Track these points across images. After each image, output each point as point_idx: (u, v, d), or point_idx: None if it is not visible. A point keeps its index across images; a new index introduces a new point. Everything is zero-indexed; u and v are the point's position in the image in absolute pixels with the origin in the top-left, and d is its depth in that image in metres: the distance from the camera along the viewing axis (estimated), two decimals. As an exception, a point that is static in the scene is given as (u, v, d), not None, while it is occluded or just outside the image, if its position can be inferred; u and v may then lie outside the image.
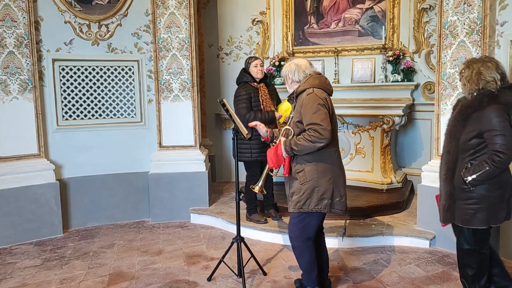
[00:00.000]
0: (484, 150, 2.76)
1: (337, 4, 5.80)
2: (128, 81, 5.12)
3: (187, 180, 5.13)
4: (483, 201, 2.79)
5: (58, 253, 4.31)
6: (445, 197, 2.91)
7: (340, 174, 3.12)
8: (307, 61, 3.16)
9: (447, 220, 2.94)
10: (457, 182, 2.83)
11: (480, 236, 2.89)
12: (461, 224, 2.88)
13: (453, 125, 2.87)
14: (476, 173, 2.74)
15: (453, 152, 2.85)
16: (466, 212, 2.83)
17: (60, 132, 4.88)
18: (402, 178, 5.45)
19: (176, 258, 4.14)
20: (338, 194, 3.06)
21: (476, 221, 2.82)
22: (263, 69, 4.51)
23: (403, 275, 3.66)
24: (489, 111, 2.70)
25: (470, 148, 2.79)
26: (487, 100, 2.73)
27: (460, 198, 2.84)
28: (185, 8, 5.03)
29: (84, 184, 4.98)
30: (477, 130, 2.73)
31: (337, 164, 3.10)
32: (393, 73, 5.43)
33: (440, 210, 2.97)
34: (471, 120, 2.77)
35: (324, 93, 3.00)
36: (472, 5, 3.82)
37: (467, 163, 2.79)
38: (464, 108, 2.83)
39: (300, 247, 3.13)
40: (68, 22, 4.80)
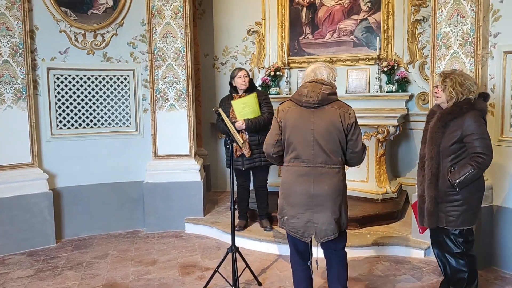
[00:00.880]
0: (464, 154, 2.95)
1: (332, 15, 5.85)
2: (123, 90, 5.12)
3: (182, 189, 5.11)
4: (467, 203, 2.98)
5: (51, 263, 4.27)
6: (429, 201, 3.04)
7: (297, 193, 2.77)
8: (313, 68, 2.91)
9: (432, 224, 3.06)
10: (442, 186, 2.99)
11: (466, 238, 3.05)
12: (447, 226, 3.01)
13: (434, 132, 3.02)
14: (462, 175, 2.89)
15: (436, 158, 3.00)
16: (451, 214, 2.98)
17: (54, 141, 4.85)
18: (397, 188, 5.46)
19: (171, 268, 4.11)
20: (287, 214, 2.82)
21: (461, 222, 2.99)
22: (248, 80, 4.52)
23: (399, 285, 3.66)
24: (469, 117, 2.90)
25: (451, 153, 2.96)
26: (466, 107, 2.93)
27: (445, 201, 3.00)
28: (181, 18, 5.05)
29: (77, 194, 4.95)
30: (458, 135, 2.92)
31: (295, 181, 2.79)
32: (388, 84, 5.46)
33: (424, 214, 3.09)
34: (451, 126, 2.95)
35: (289, 104, 2.86)
36: (465, 17, 3.86)
37: (450, 168, 2.95)
38: (444, 115, 2.99)
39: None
40: (63, 31, 4.81)
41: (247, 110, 4.37)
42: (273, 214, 4.86)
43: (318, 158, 2.74)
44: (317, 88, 2.77)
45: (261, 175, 4.64)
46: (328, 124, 2.72)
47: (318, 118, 2.74)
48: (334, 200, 2.75)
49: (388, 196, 5.27)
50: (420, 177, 3.14)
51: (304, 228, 2.77)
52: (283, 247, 4.34)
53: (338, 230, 2.77)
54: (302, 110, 2.79)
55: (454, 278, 3.11)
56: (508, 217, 3.77)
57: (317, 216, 2.74)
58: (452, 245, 3.05)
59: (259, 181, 4.65)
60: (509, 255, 3.79)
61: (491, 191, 3.85)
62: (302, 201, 2.76)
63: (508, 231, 3.77)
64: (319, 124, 2.73)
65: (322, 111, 2.75)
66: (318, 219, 2.74)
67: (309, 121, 2.75)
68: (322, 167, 2.73)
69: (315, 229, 2.75)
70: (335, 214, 2.75)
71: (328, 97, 2.75)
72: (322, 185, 2.73)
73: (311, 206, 2.75)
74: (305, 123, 2.76)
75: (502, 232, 3.82)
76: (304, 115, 2.77)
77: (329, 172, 2.74)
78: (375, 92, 5.50)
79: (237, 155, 4.45)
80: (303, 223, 2.77)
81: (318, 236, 2.76)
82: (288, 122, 2.81)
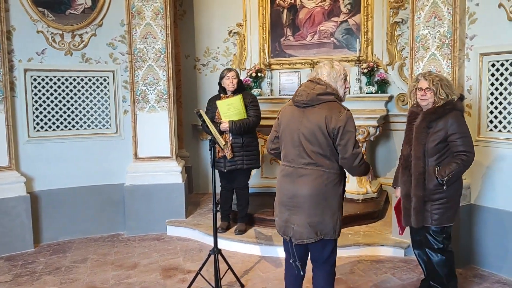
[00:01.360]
0: (447, 153, 3.05)
1: (313, 17, 5.89)
2: (103, 92, 5.06)
3: (163, 191, 5.07)
4: (450, 200, 3.09)
5: (29, 268, 4.18)
6: (416, 200, 3.10)
7: (282, 193, 2.76)
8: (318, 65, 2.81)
9: (419, 223, 3.12)
10: (430, 184, 3.06)
11: (447, 234, 3.15)
12: (431, 224, 3.09)
13: (419, 132, 3.09)
14: (449, 173, 2.98)
15: (422, 157, 3.08)
16: (437, 212, 3.07)
17: (31, 143, 4.76)
18: (377, 188, 5.52)
19: (152, 271, 4.07)
20: (275, 212, 2.84)
21: (445, 219, 3.09)
22: (236, 81, 4.48)
23: (380, 284, 3.70)
24: (452, 117, 3.02)
25: (436, 152, 3.05)
26: (449, 107, 3.04)
27: (431, 200, 3.08)
28: (161, 19, 5.01)
29: (56, 197, 4.86)
30: (442, 135, 3.01)
31: (282, 180, 2.77)
32: (368, 85, 5.53)
33: (411, 214, 3.14)
34: (435, 126, 3.04)
35: (288, 103, 2.83)
36: (442, 19, 3.94)
37: (435, 166, 3.04)
38: (429, 115, 3.07)
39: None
40: (40, 32, 4.72)
41: (232, 112, 4.35)
42: (255, 215, 4.87)
43: (301, 159, 2.66)
44: (308, 87, 2.69)
45: (242, 178, 4.62)
46: (313, 125, 2.62)
47: (305, 119, 2.65)
48: (314, 204, 2.64)
49: (368, 196, 5.33)
50: (405, 177, 3.19)
51: (284, 227, 2.74)
52: (266, 248, 4.35)
53: (314, 236, 2.65)
54: (294, 110, 2.73)
55: (435, 274, 3.19)
56: (485, 215, 3.85)
57: (294, 217, 2.68)
58: (434, 241, 3.14)
59: (239, 183, 4.63)
60: (487, 253, 3.88)
61: (469, 190, 3.93)
62: (284, 201, 2.74)
63: (486, 229, 3.85)
64: (305, 125, 2.64)
65: (310, 111, 2.66)
66: (295, 221, 2.68)
67: (297, 121, 2.68)
68: (304, 169, 2.65)
69: (292, 230, 2.69)
70: (310, 217, 2.64)
71: (318, 97, 2.64)
72: (301, 186, 2.65)
73: (290, 206, 2.70)
74: (294, 123, 2.70)
75: (480, 230, 3.90)
76: (295, 114, 2.71)
77: (311, 174, 2.64)
78: (355, 93, 5.56)
79: (219, 156, 4.43)
80: (283, 222, 2.75)
81: (294, 237, 2.70)
82: (282, 120, 2.79)
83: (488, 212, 3.84)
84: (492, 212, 3.81)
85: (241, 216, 4.72)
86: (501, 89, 3.73)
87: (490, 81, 3.80)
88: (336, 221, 2.69)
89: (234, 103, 4.33)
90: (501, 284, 3.65)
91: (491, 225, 3.82)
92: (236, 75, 4.50)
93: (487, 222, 3.84)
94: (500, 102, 3.75)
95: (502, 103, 3.73)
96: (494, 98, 3.78)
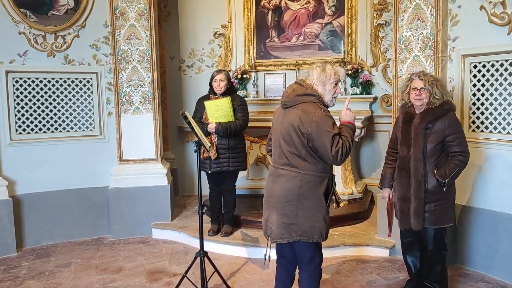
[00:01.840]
0: (444, 153, 3.05)
1: (298, 18, 5.91)
2: (86, 94, 5.00)
3: (148, 194, 5.03)
4: (449, 201, 3.11)
5: (12, 273, 4.11)
6: (418, 203, 3.06)
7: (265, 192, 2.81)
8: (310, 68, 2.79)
9: (420, 226, 3.08)
10: (431, 186, 3.05)
11: (445, 234, 3.15)
12: (432, 225, 3.08)
13: (419, 134, 3.06)
14: (450, 174, 2.99)
15: (421, 159, 3.05)
16: (437, 213, 3.06)
17: (13, 146, 4.68)
18: (363, 189, 5.56)
19: (137, 275, 4.03)
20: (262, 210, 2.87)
21: (445, 219, 3.10)
22: (224, 84, 4.45)
23: (365, 284, 3.72)
24: (450, 118, 3.03)
25: (435, 153, 3.04)
26: (447, 108, 3.04)
27: (431, 201, 3.06)
28: (145, 20, 4.98)
29: (39, 201, 4.78)
30: (441, 135, 3.01)
31: (266, 180, 2.85)
32: (352, 86, 5.57)
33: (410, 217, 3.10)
34: (434, 127, 3.03)
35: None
36: (425, 21, 3.98)
37: (434, 168, 3.03)
38: (427, 116, 3.05)
39: None
40: (22, 33, 4.65)
41: (220, 113, 4.33)
42: (242, 217, 4.86)
43: (280, 160, 2.70)
44: (290, 88, 2.74)
45: (228, 180, 4.61)
46: (289, 125, 2.63)
47: (284, 119, 2.68)
48: (285, 204, 2.65)
49: (354, 197, 5.35)
50: (403, 180, 3.15)
51: (265, 226, 2.82)
52: (252, 250, 4.34)
53: (288, 237, 2.66)
54: (280, 111, 2.78)
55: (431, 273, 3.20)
56: (471, 216, 3.90)
57: (271, 216, 2.74)
58: (433, 242, 3.14)
59: (225, 185, 4.62)
60: (472, 253, 3.93)
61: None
62: (265, 200, 2.81)
63: (472, 229, 3.90)
64: (283, 125, 2.68)
65: (288, 112, 2.68)
66: (272, 221, 2.73)
67: (279, 121, 2.73)
68: (282, 169, 2.69)
69: (270, 229, 2.75)
70: (282, 218, 2.66)
71: (296, 98, 2.65)
72: (277, 186, 2.69)
73: (268, 205, 2.77)
74: (277, 124, 2.75)
75: (465, 231, 3.94)
76: (280, 115, 2.76)
77: (286, 175, 2.66)
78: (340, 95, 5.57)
79: (204, 156, 4.41)
80: (264, 221, 2.82)
81: (271, 236, 2.75)
82: (273, 121, 2.86)
83: (473, 212, 3.89)
84: (475, 212, 3.87)
85: (227, 218, 4.71)
86: (483, 90, 3.79)
87: (472, 82, 3.86)
88: (313, 224, 2.65)
89: (222, 105, 4.31)
90: (485, 282, 3.70)
91: (475, 224, 3.88)
92: (224, 77, 4.47)
93: (473, 223, 3.89)
94: (482, 103, 3.81)
95: (484, 104, 3.79)
96: (476, 99, 3.84)
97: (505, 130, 3.68)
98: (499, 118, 3.71)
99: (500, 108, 3.70)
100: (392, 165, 3.35)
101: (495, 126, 3.74)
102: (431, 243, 3.15)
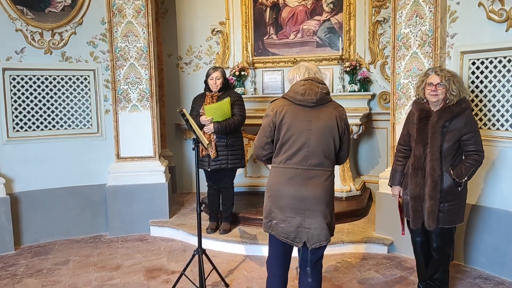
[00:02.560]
0: (459, 152, 3.02)
1: (296, 15, 5.90)
2: (83, 91, 4.98)
3: (146, 192, 5.02)
4: (463, 200, 3.08)
5: (10, 271, 4.10)
6: (434, 203, 3.00)
7: (287, 197, 2.62)
8: (306, 66, 2.76)
9: (434, 225, 3.03)
10: (446, 185, 2.99)
11: (454, 232, 3.14)
12: (446, 225, 3.04)
13: (436, 132, 2.98)
14: (467, 173, 2.96)
15: (439, 158, 2.99)
16: (451, 213, 3.03)
17: (10, 144, 4.66)
18: (361, 186, 5.56)
19: (135, 272, 4.02)
20: (276, 217, 2.66)
21: (457, 219, 3.08)
22: (220, 82, 4.42)
23: (363, 281, 3.72)
24: (467, 116, 2.98)
25: (452, 152, 3.00)
26: (464, 106, 2.98)
27: (446, 201, 3.01)
28: (143, 17, 4.96)
29: (36, 199, 4.77)
30: (459, 134, 2.96)
31: (285, 183, 2.63)
32: (350, 83, 5.57)
33: (424, 216, 3.04)
34: (451, 125, 2.97)
35: (283, 102, 2.67)
36: (423, 18, 3.98)
37: (450, 167, 2.99)
38: (445, 114, 2.98)
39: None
40: (19, 30, 4.62)
41: (219, 114, 4.31)
42: (240, 214, 4.86)
43: (312, 160, 2.60)
44: (314, 86, 2.63)
45: (227, 178, 4.60)
46: (324, 125, 2.60)
47: (315, 118, 2.60)
48: (327, 204, 2.63)
49: (352, 194, 5.36)
50: (417, 178, 3.05)
51: (295, 233, 2.62)
52: (250, 248, 4.34)
53: (330, 235, 2.65)
54: (299, 109, 2.62)
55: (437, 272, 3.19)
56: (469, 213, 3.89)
57: (309, 221, 2.60)
58: (443, 241, 3.11)
59: (224, 183, 4.61)
60: (469, 250, 3.93)
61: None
62: (293, 205, 2.61)
63: (469, 226, 3.90)
64: (316, 125, 2.59)
65: (319, 111, 2.62)
66: (311, 224, 2.60)
67: (305, 121, 2.60)
68: (314, 170, 2.60)
69: (307, 234, 2.61)
70: (327, 218, 2.62)
71: (325, 96, 2.64)
72: (313, 188, 2.60)
73: (301, 210, 2.60)
74: (301, 123, 2.60)
75: (462, 228, 3.94)
76: (300, 114, 2.61)
77: (321, 175, 2.62)
78: (338, 91, 5.59)
79: (202, 154, 4.40)
80: (294, 227, 2.62)
81: (310, 242, 2.61)
82: (284, 121, 2.62)
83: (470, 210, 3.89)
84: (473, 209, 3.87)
85: (225, 216, 4.70)
86: (481, 87, 3.79)
87: (470, 79, 3.86)
88: (334, 223, 2.78)
89: (222, 107, 4.27)
90: (483, 279, 3.71)
91: (473, 222, 3.88)
92: (220, 75, 4.44)
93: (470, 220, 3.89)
94: (480, 100, 3.81)
95: (482, 100, 3.79)
96: (474, 96, 3.84)
97: (503, 127, 3.68)
98: (498, 115, 3.71)
99: (498, 105, 3.70)
100: (402, 162, 3.24)
101: (494, 123, 3.74)
102: (439, 241, 3.11)
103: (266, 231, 2.75)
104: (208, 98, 4.44)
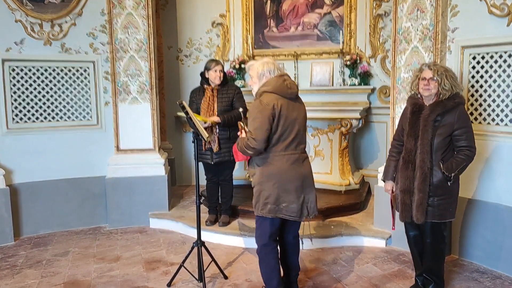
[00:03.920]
0: (450, 147, 3.02)
1: (296, 8, 5.87)
2: (83, 83, 4.97)
3: (146, 184, 5.02)
4: (454, 195, 3.09)
5: (9, 262, 4.12)
6: (422, 196, 3.02)
7: (293, 179, 2.94)
8: (273, 61, 3.03)
9: (422, 219, 3.05)
10: (436, 179, 3.01)
11: (444, 228, 3.16)
12: (435, 220, 3.05)
13: (428, 126, 3.00)
14: (457, 168, 2.97)
15: (429, 151, 3.00)
16: (441, 208, 3.04)
17: (10, 135, 4.66)
18: (360, 180, 5.57)
19: (135, 264, 4.04)
20: (286, 200, 2.94)
21: (448, 214, 3.09)
22: (222, 75, 4.41)
23: (361, 274, 3.74)
24: (460, 111, 2.99)
25: (443, 146, 3.01)
26: (457, 101, 3.00)
27: (435, 195, 3.03)
28: (143, 8, 4.93)
29: (36, 190, 4.78)
30: (450, 129, 2.97)
31: (289, 168, 2.94)
32: (351, 77, 5.55)
33: (412, 209, 3.07)
34: (444, 119, 2.98)
35: (274, 98, 2.88)
36: (425, 12, 3.96)
37: (440, 161, 3.00)
38: (437, 108, 3.00)
39: (259, 254, 3.13)
40: (19, 21, 4.60)
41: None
42: (239, 207, 4.87)
43: (301, 146, 3.04)
44: (292, 80, 3.03)
45: (227, 170, 4.60)
46: (303, 115, 3.05)
47: (297, 109, 3.00)
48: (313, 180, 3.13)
49: (351, 188, 5.38)
50: (407, 172, 3.08)
51: (301, 209, 2.99)
52: (249, 240, 4.35)
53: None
54: (288, 102, 2.95)
55: (431, 266, 3.21)
56: (465, 207, 3.92)
57: (308, 196, 3.02)
58: (435, 235, 3.12)
59: (224, 175, 4.61)
60: (466, 244, 3.95)
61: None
62: (299, 185, 2.97)
63: (465, 220, 3.92)
64: (299, 114, 3.00)
65: (296, 103, 3.02)
66: (310, 198, 3.03)
67: (293, 111, 2.96)
68: (303, 153, 3.05)
69: (307, 208, 3.02)
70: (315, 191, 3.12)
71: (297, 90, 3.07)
72: (307, 168, 3.05)
73: (304, 188, 3.00)
74: (292, 114, 2.95)
75: (459, 222, 3.96)
76: (290, 106, 2.95)
77: (307, 157, 3.10)
78: (338, 85, 5.58)
79: (205, 148, 4.39)
80: (300, 205, 2.98)
81: (310, 213, 3.04)
82: (281, 113, 2.89)
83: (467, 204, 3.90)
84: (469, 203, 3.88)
85: (224, 209, 4.71)
86: (481, 81, 3.79)
87: (471, 73, 3.85)
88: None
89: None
90: (480, 273, 3.73)
91: (469, 216, 3.90)
92: (222, 68, 4.45)
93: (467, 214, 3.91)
94: (480, 95, 3.81)
95: (483, 95, 3.79)
96: (474, 90, 3.84)
97: (503, 122, 3.69)
98: (497, 110, 3.71)
99: (498, 100, 3.70)
100: (396, 157, 3.26)
101: (493, 117, 3.74)
102: (429, 236, 3.13)
103: (270, 216, 2.99)
104: (208, 92, 4.43)
